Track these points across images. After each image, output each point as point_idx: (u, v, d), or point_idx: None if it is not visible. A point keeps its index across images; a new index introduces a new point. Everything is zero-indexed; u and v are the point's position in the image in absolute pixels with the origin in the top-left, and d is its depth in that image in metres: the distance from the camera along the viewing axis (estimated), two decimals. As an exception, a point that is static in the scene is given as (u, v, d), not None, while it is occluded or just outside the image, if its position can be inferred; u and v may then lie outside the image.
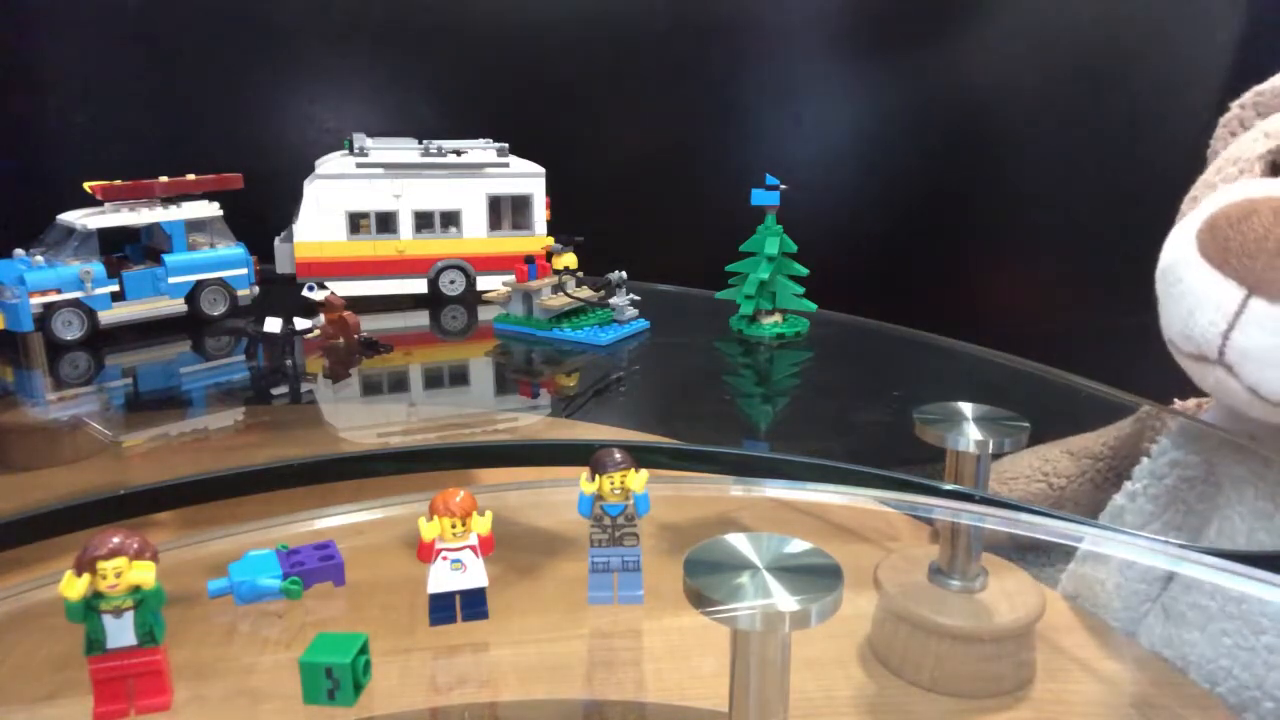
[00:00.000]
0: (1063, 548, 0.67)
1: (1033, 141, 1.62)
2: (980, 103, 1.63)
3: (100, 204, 1.17)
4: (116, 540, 0.44)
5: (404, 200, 1.30)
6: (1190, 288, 0.60)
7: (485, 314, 1.27)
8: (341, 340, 1.09)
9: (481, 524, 0.53)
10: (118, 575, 0.43)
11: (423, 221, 1.31)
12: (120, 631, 0.45)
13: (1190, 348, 0.61)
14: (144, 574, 0.44)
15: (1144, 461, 0.69)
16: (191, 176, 1.22)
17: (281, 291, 1.26)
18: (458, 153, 1.32)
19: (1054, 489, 0.74)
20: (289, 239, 1.29)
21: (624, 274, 1.23)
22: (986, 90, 1.63)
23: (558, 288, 1.19)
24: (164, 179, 1.21)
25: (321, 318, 1.08)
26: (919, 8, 1.62)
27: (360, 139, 1.30)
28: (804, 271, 1.17)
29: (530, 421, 0.97)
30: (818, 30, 1.65)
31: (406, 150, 1.31)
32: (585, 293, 1.21)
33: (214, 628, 0.55)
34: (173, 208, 1.20)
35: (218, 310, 1.23)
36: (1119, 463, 0.77)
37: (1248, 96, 0.73)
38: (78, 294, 1.11)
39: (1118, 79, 1.55)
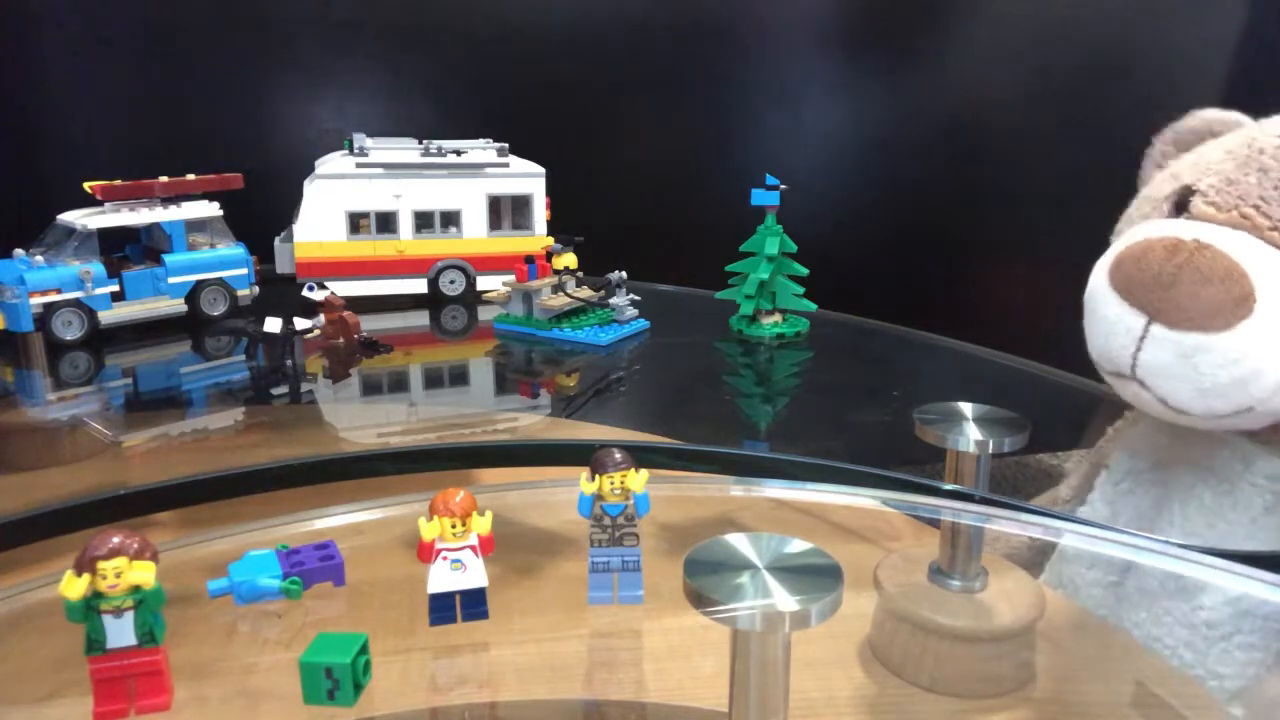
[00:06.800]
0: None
1: (1032, 141, 1.62)
2: (980, 102, 1.63)
3: (100, 204, 1.17)
4: (116, 540, 0.44)
5: (404, 200, 1.30)
6: (1104, 315, 0.69)
7: (485, 314, 1.27)
8: (341, 340, 1.09)
9: (481, 524, 0.53)
10: (118, 575, 0.43)
11: (423, 221, 1.31)
12: (120, 631, 0.45)
13: (1109, 366, 0.70)
14: (144, 574, 0.44)
15: (1103, 474, 0.74)
16: (191, 176, 1.22)
17: (281, 291, 1.26)
18: (458, 153, 1.32)
19: (1032, 546, 0.76)
20: (289, 239, 1.29)
21: (624, 274, 1.23)
22: (986, 90, 1.63)
23: (558, 288, 1.19)
24: (164, 179, 1.21)
25: (321, 318, 1.08)
26: (919, 8, 1.63)
27: (360, 139, 1.30)
28: (804, 271, 1.17)
29: (530, 421, 0.97)
30: (818, 30, 1.65)
31: (406, 150, 1.31)
32: (585, 293, 1.21)
33: (214, 628, 0.55)
34: (173, 208, 1.20)
35: (218, 310, 1.23)
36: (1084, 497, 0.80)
37: (1168, 133, 0.82)
38: (78, 294, 1.11)
39: (1117, 78, 1.55)
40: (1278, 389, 0.63)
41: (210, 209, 1.24)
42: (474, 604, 0.54)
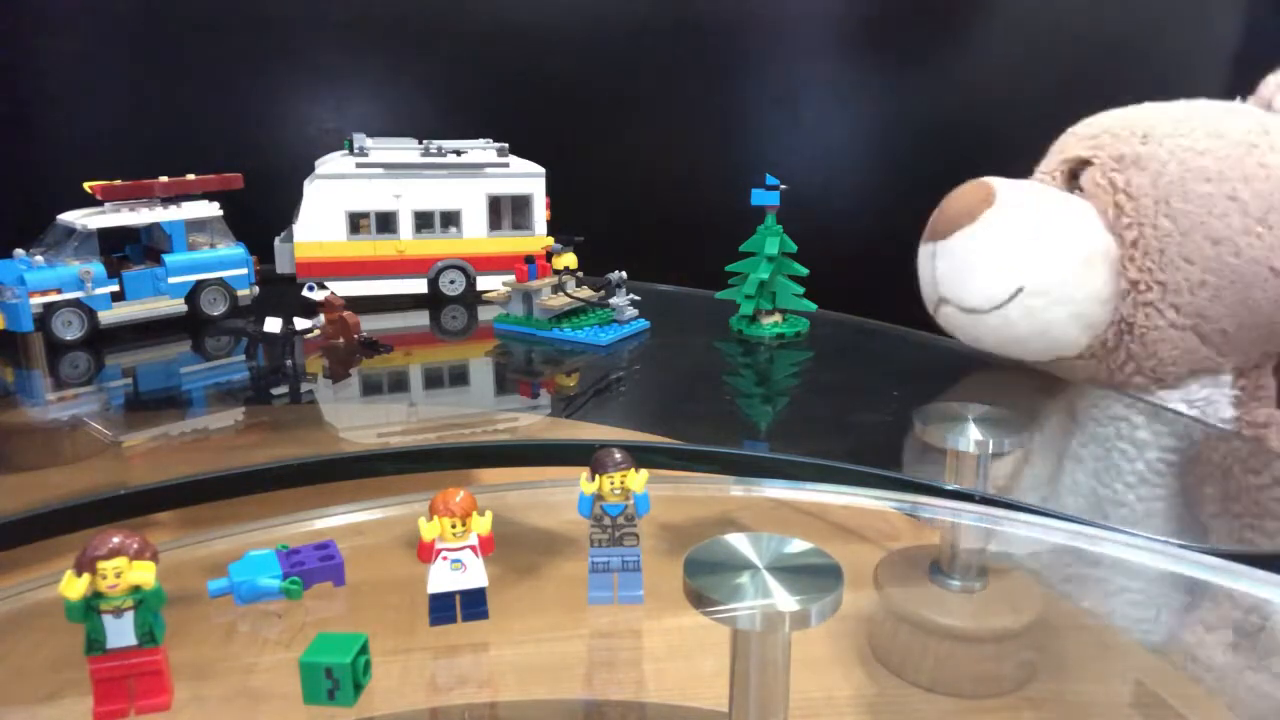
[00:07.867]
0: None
1: (1032, 141, 1.62)
2: (980, 102, 1.63)
3: (100, 204, 1.17)
4: (116, 540, 0.44)
5: (404, 200, 1.30)
6: (919, 267, 0.93)
7: (485, 314, 1.27)
8: (341, 340, 1.09)
9: (481, 524, 0.53)
10: (118, 575, 0.43)
11: (423, 221, 1.31)
12: (120, 631, 0.45)
13: (929, 306, 0.91)
14: (144, 574, 0.44)
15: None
16: (191, 176, 1.22)
17: (281, 291, 1.26)
18: (458, 153, 1.32)
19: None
20: (289, 239, 1.29)
21: (624, 274, 1.23)
22: (986, 89, 1.63)
23: (558, 288, 1.19)
24: (164, 179, 1.20)
25: (321, 318, 1.08)
26: (920, 8, 1.63)
27: (360, 139, 1.30)
28: (804, 271, 1.17)
29: (530, 421, 0.97)
30: (818, 30, 1.65)
31: (406, 150, 1.31)
32: (585, 293, 1.21)
33: (214, 628, 0.55)
34: (173, 208, 1.20)
35: (218, 310, 1.23)
36: None
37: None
38: (78, 294, 1.11)
39: (1118, 78, 1.55)
40: (1029, 264, 0.82)
41: (210, 209, 1.24)
42: (474, 604, 0.54)
